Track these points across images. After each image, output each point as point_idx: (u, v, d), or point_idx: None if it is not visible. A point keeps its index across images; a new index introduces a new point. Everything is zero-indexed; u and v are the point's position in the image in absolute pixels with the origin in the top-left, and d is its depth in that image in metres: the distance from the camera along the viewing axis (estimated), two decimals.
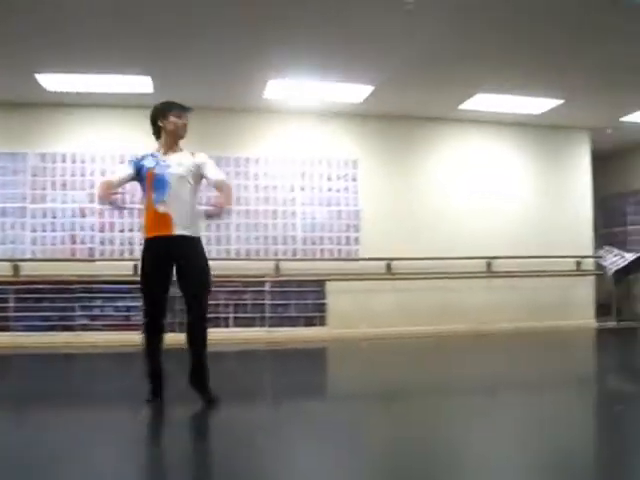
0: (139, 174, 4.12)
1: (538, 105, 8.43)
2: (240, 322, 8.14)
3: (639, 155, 10.97)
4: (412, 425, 3.82)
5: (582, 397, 4.89)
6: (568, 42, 6.19)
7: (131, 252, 8.01)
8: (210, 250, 8.08)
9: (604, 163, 11.03)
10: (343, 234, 8.70)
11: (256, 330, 8.05)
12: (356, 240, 8.72)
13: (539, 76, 7.24)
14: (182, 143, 4.24)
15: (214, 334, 7.31)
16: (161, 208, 3.99)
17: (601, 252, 10.49)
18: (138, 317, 7.88)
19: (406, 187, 8.99)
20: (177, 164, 4.07)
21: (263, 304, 8.24)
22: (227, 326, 8.03)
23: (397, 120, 8.93)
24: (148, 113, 4.23)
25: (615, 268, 10.22)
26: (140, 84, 7.18)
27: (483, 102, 8.23)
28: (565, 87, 7.68)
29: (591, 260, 9.93)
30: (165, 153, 4.14)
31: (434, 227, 8.91)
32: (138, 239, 8.00)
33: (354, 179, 8.81)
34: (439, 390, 4.97)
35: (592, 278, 9.88)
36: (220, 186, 4.10)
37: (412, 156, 9.12)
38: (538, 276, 9.22)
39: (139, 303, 7.86)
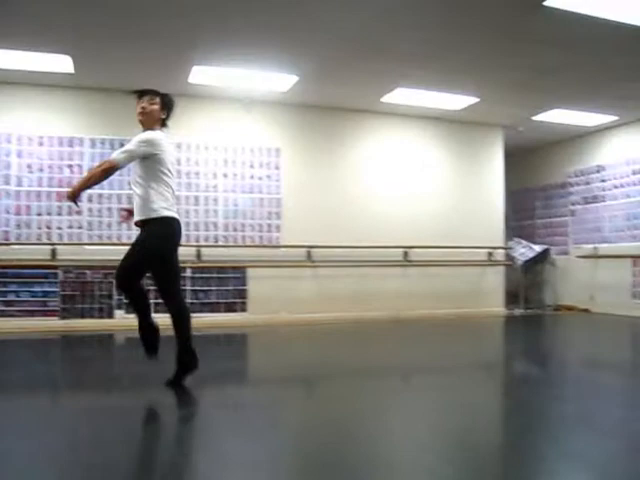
0: None
1: (456, 101, 8.67)
2: (160, 309, 8.01)
3: (548, 152, 11.46)
4: (330, 408, 3.91)
5: (490, 380, 5.11)
6: (484, 43, 6.40)
7: (49, 237, 7.76)
8: (131, 235, 7.98)
9: (516, 159, 11.48)
10: (265, 221, 8.71)
11: None
12: (277, 227, 8.75)
13: (457, 74, 7.45)
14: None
15: (135, 320, 7.22)
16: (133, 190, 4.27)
17: (511, 244, 10.93)
18: (55, 302, 7.70)
19: (328, 176, 9.08)
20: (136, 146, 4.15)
21: (184, 290, 8.15)
22: None
23: (321, 110, 8.99)
24: (70, 93, 4.18)
25: (524, 259, 10.68)
26: (60, 63, 6.93)
27: (404, 96, 8.38)
28: (481, 86, 7.94)
29: (502, 251, 10.33)
30: None
31: (354, 216, 9.05)
32: (56, 223, 7.79)
33: (277, 167, 8.83)
34: (356, 374, 5.07)
35: (502, 268, 10.28)
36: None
37: (335, 146, 9.21)
38: (452, 265, 9.52)
39: (57, 288, 7.70)
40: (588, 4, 5.36)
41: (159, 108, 4.28)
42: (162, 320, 4.35)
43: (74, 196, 3.92)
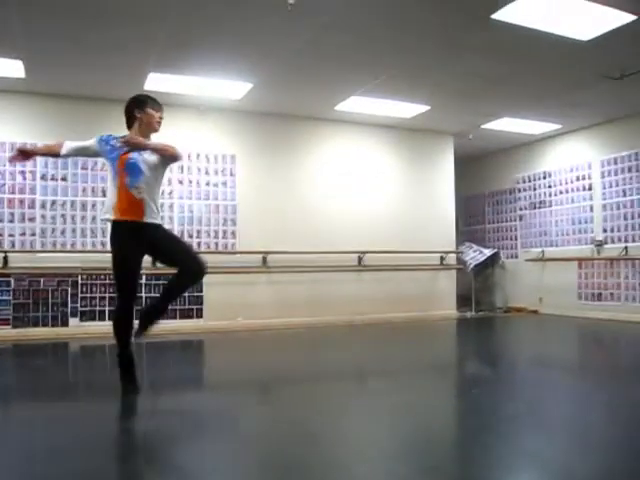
0: (103, 154, 4.16)
1: (408, 110, 8.80)
2: None
3: (497, 159, 11.71)
4: (287, 411, 3.91)
5: (443, 381, 5.19)
6: (435, 53, 6.51)
7: (0, 244, 7.55)
8: (85, 242, 7.87)
9: (466, 166, 11.70)
10: (220, 228, 8.67)
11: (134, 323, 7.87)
12: (233, 234, 8.72)
13: (408, 83, 7.56)
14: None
15: (93, 328, 7.13)
16: (134, 192, 4.02)
17: (462, 248, 11.13)
18: (7, 311, 7.51)
19: (283, 183, 9.09)
20: (149, 154, 4.07)
21: (140, 296, 8.04)
22: (103, 319, 7.80)
23: (275, 118, 9.01)
24: (21, 98, 4.10)
25: (475, 263, 10.88)
26: (11, 68, 6.78)
27: (358, 104, 8.47)
28: (431, 94, 8.06)
29: (453, 255, 10.49)
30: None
31: (309, 222, 9.08)
32: (8, 230, 7.61)
33: (232, 174, 8.80)
34: (313, 378, 5.10)
35: (454, 272, 10.44)
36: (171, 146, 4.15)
37: (290, 153, 9.23)
38: (406, 270, 9.63)
39: (9, 297, 7.51)
40: (533, 18, 5.53)
41: None
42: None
43: (142, 147, 4.04)
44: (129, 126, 4.26)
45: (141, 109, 4.19)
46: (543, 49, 6.27)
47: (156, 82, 7.34)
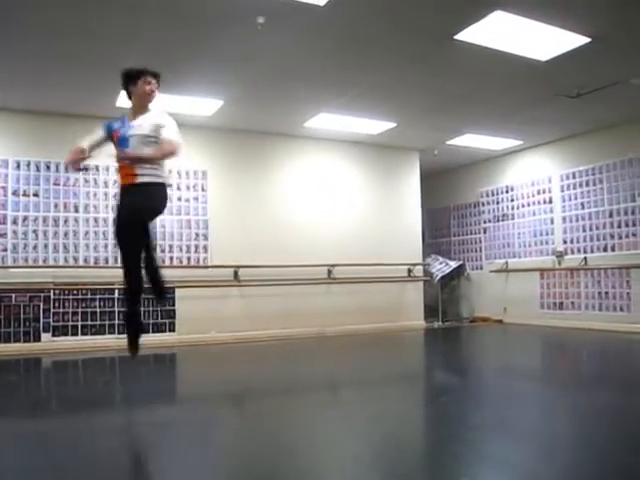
0: (110, 136, 4.22)
1: (375, 126, 8.88)
2: (89, 330, 7.82)
3: (461, 174, 11.86)
4: (260, 422, 3.91)
5: (412, 391, 5.23)
6: (400, 71, 6.59)
7: None
8: (57, 257, 7.75)
9: (432, 180, 11.84)
10: (192, 242, 8.62)
11: (106, 338, 7.78)
12: (205, 248, 8.67)
13: (375, 100, 7.64)
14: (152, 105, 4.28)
15: (65, 343, 7.01)
16: (124, 162, 4.11)
17: (429, 260, 11.22)
18: None
19: (254, 198, 9.08)
20: (138, 125, 4.14)
21: (112, 311, 7.96)
22: (76, 334, 7.69)
23: (246, 134, 9.01)
24: None
25: (441, 274, 10.98)
26: None
27: (326, 121, 8.52)
28: (397, 112, 8.16)
29: (420, 267, 10.57)
30: (133, 116, 4.23)
31: (280, 236, 9.08)
32: None
33: (204, 189, 8.76)
34: (285, 389, 5.09)
35: (421, 283, 10.51)
36: (165, 141, 4.09)
37: (260, 169, 9.23)
38: (374, 282, 9.67)
39: None
40: (494, 39, 5.65)
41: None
42: None
43: (135, 160, 4.04)
44: (129, 98, 4.33)
45: (134, 83, 4.23)
46: (504, 68, 6.40)
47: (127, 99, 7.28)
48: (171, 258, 8.44)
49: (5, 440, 3.52)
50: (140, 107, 4.24)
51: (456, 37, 5.58)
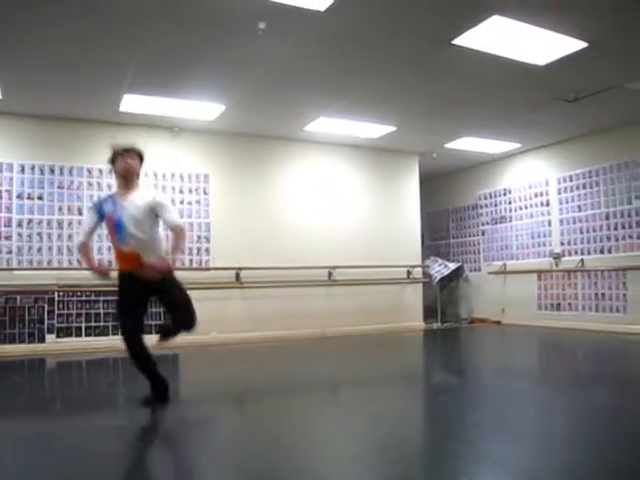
0: (102, 217, 4.23)
1: (375, 130, 8.87)
2: (93, 331, 7.81)
3: (460, 177, 11.85)
4: (262, 422, 3.90)
5: (412, 391, 5.22)
6: (399, 77, 6.59)
7: None
8: (61, 260, 7.74)
9: (431, 183, 11.84)
10: (194, 245, 8.61)
11: (109, 339, 7.74)
12: (207, 250, 8.66)
13: (374, 105, 7.64)
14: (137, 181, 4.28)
15: (70, 344, 6.99)
16: (125, 248, 4.11)
17: (428, 262, 11.22)
18: None
19: (256, 201, 9.08)
20: (133, 206, 4.12)
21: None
22: (80, 335, 7.69)
23: (248, 138, 9.02)
24: None
25: (440, 276, 10.97)
26: None
27: (326, 125, 8.52)
28: (397, 115, 8.16)
29: (420, 269, 10.56)
30: (122, 195, 4.21)
31: (281, 239, 9.07)
32: None
33: (206, 193, 8.76)
34: (287, 390, 5.08)
35: (420, 285, 10.49)
36: (175, 230, 4.22)
37: (261, 172, 9.22)
38: (374, 284, 9.66)
39: None
40: (491, 44, 5.64)
41: (139, 164, 4.33)
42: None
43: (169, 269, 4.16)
44: (116, 178, 4.36)
45: (113, 162, 4.27)
46: (502, 73, 6.40)
47: (131, 103, 7.30)
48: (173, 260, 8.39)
49: (7, 440, 3.51)
50: (125, 184, 4.24)
51: (454, 42, 5.57)
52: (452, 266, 11.19)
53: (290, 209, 9.34)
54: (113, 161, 4.26)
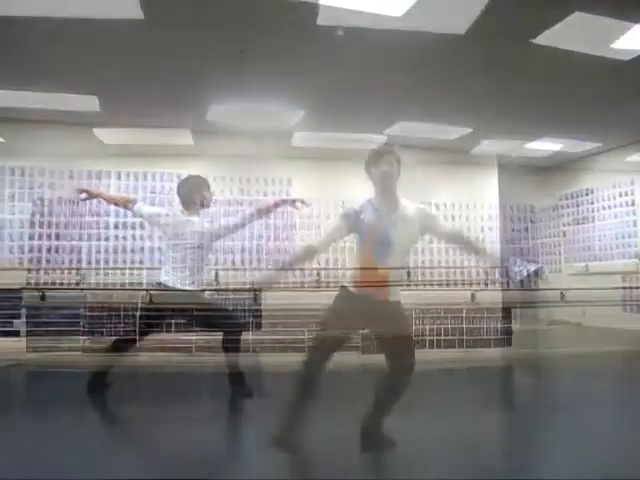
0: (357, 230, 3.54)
1: (451, 132, 8.68)
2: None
3: (538, 177, 11.33)
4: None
5: None
6: (476, 78, 6.44)
7: None
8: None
9: (510, 184, 11.42)
10: None
11: None
12: None
13: (450, 106, 7.47)
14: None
15: None
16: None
17: (506, 263, 10.88)
18: None
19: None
20: (403, 222, 3.65)
21: None
22: None
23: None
24: None
25: (519, 277, 10.63)
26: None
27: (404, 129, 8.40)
28: (474, 117, 8.01)
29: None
30: (386, 204, 3.69)
31: None
32: None
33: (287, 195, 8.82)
34: None
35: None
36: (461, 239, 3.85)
37: (343, 176, 9.15)
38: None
39: None
40: (572, 41, 5.41)
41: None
42: None
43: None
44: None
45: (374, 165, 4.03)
46: (584, 70, 6.11)
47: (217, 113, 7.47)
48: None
49: None
50: (386, 193, 4.03)
51: (533, 40, 5.38)
52: (531, 267, 10.82)
53: None
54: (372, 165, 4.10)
